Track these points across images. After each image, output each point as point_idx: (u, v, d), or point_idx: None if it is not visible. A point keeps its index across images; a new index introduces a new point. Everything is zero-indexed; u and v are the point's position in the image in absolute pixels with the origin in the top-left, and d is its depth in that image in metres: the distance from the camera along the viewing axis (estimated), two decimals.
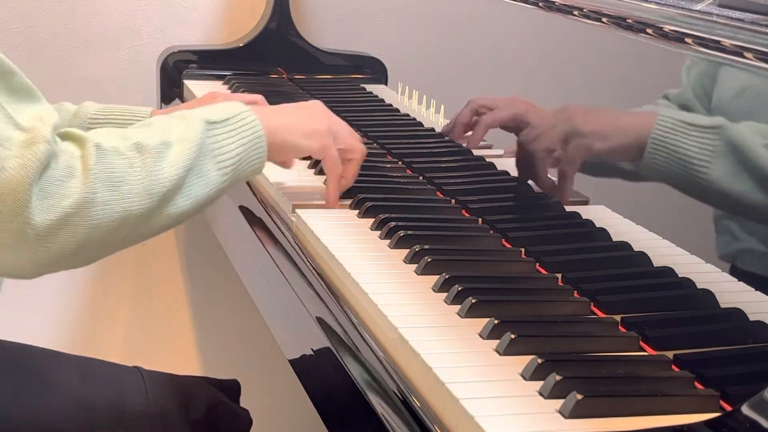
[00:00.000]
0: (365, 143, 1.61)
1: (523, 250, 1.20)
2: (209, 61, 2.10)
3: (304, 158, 1.50)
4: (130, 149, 1.08)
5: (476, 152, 1.48)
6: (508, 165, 1.40)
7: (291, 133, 1.26)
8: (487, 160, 1.45)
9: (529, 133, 1.34)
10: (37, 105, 1.03)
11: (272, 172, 1.42)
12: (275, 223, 1.37)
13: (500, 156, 1.45)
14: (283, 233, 1.33)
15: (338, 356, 1.06)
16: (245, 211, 1.47)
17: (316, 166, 1.48)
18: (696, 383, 0.91)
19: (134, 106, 1.48)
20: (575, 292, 1.09)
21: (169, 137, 1.11)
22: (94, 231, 1.04)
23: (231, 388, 1.49)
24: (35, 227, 1.00)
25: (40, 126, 1.01)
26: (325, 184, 1.36)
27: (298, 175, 1.46)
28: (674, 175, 1.06)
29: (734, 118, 1.01)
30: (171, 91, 2.09)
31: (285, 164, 1.39)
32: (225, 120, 1.17)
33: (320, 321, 1.12)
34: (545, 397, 0.88)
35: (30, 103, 1.03)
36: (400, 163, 1.52)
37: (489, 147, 1.48)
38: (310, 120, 1.29)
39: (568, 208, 1.27)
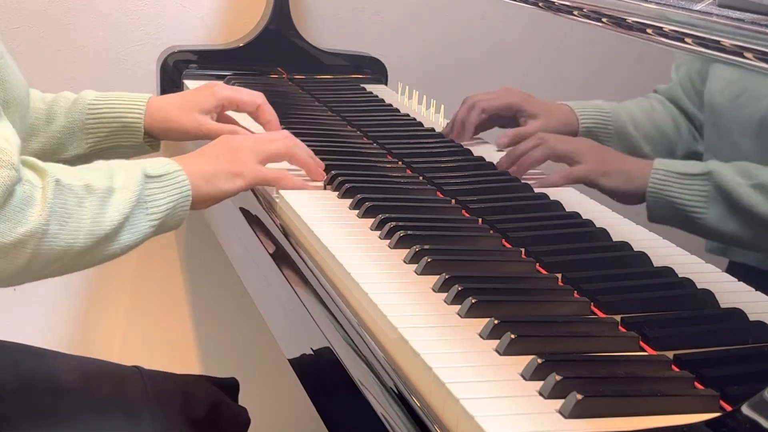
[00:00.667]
0: (365, 143, 1.62)
1: (523, 250, 1.20)
2: (209, 61, 2.10)
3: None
4: (82, 189, 1.15)
5: (476, 153, 1.48)
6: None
7: (214, 184, 1.30)
8: (487, 160, 1.45)
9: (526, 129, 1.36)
10: (1, 124, 1.09)
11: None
12: (274, 222, 1.37)
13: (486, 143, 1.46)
14: (282, 233, 1.33)
15: (338, 356, 1.06)
16: (245, 212, 1.47)
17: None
18: (696, 383, 0.91)
19: (133, 93, 1.49)
20: (575, 292, 1.09)
21: (113, 183, 1.19)
22: (36, 259, 1.11)
23: (230, 387, 1.49)
24: None
25: (7, 148, 1.07)
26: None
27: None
28: (677, 221, 1.10)
29: (724, 114, 1.02)
30: (171, 91, 2.08)
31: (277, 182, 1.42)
32: (160, 176, 1.24)
33: (320, 321, 1.12)
34: (545, 397, 0.88)
35: None
36: (400, 163, 1.52)
37: (485, 143, 1.49)
38: (233, 161, 1.33)
39: (568, 208, 1.27)
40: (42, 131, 1.46)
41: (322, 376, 1.15)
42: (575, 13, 1.29)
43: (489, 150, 1.48)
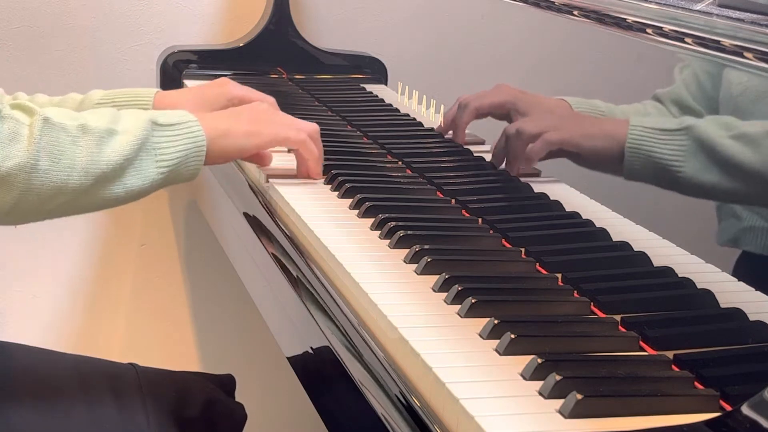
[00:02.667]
0: (365, 143, 1.62)
1: (523, 250, 1.20)
2: (209, 61, 2.10)
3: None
4: (77, 129, 1.16)
5: (476, 152, 1.48)
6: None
7: (230, 138, 1.31)
8: (487, 160, 1.45)
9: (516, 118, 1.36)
10: None
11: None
12: (274, 222, 1.37)
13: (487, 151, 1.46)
14: (281, 231, 1.33)
15: (338, 356, 1.06)
16: (245, 212, 1.47)
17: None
18: (696, 383, 0.91)
19: (138, 88, 1.49)
20: (575, 292, 1.09)
21: (115, 126, 1.20)
22: (29, 194, 1.13)
23: (226, 383, 1.49)
24: None
25: None
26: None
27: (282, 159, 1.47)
28: (655, 177, 1.11)
29: (742, 116, 1.02)
30: None
31: (261, 160, 1.43)
32: (171, 125, 1.25)
33: (320, 321, 1.12)
34: (545, 397, 0.88)
35: None
36: (400, 163, 1.52)
37: (481, 141, 1.49)
38: (252, 120, 1.35)
39: (568, 208, 1.27)
40: None
41: (321, 376, 1.15)
42: (575, 13, 1.29)
43: (482, 145, 1.49)
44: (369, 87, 1.93)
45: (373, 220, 1.28)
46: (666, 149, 1.08)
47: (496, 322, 0.99)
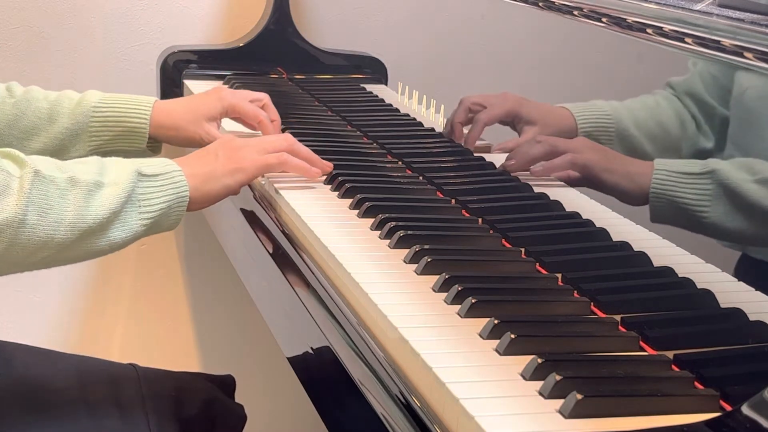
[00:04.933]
0: (365, 143, 1.62)
1: (523, 250, 1.20)
2: (209, 61, 2.10)
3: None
4: (65, 182, 1.15)
5: (476, 153, 1.48)
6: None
7: (215, 181, 1.30)
8: (487, 159, 1.45)
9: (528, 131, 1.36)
10: None
11: None
12: (274, 222, 1.37)
13: (490, 152, 1.46)
14: (281, 232, 1.33)
15: (338, 355, 1.06)
16: (245, 212, 1.47)
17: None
18: (696, 383, 0.91)
19: (137, 96, 1.49)
20: (575, 292, 1.09)
21: (102, 178, 1.18)
22: (14, 248, 1.11)
23: (226, 383, 1.49)
24: None
25: None
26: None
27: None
28: (680, 220, 1.10)
29: (755, 111, 1.02)
30: (171, 91, 2.09)
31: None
32: (156, 175, 1.23)
33: (320, 321, 1.12)
34: (545, 397, 0.88)
35: None
36: (400, 163, 1.52)
37: (488, 147, 1.49)
38: (230, 158, 1.33)
39: (568, 208, 1.27)
40: (44, 131, 1.45)
41: (321, 376, 1.15)
42: (575, 13, 1.29)
43: (487, 151, 1.49)
44: (369, 87, 1.93)
45: (373, 220, 1.28)
46: (691, 193, 1.08)
47: (496, 322, 0.99)
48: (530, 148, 1.35)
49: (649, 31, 1.15)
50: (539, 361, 0.91)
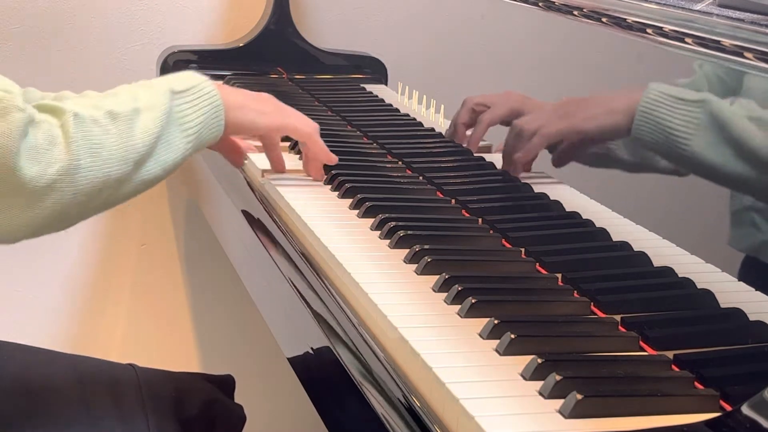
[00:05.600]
0: (365, 143, 1.62)
1: (523, 250, 1.20)
2: (209, 61, 2.10)
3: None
4: (105, 117, 1.14)
5: (476, 153, 1.48)
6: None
7: (245, 112, 1.33)
8: (487, 160, 1.45)
9: (524, 123, 1.36)
10: None
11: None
12: (274, 222, 1.37)
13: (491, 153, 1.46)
14: (281, 231, 1.33)
15: (338, 356, 1.06)
16: (245, 212, 1.47)
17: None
18: (696, 383, 0.91)
19: None
20: (575, 292, 1.09)
21: (137, 104, 1.18)
22: (78, 196, 1.11)
23: (225, 384, 1.49)
24: (25, 193, 1.06)
25: (7, 96, 1.06)
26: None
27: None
28: (660, 146, 1.10)
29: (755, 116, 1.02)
30: None
31: (237, 161, 1.45)
32: (188, 89, 1.24)
33: (320, 320, 1.12)
34: (545, 397, 0.88)
35: None
36: (400, 163, 1.52)
37: (488, 147, 1.49)
38: (263, 103, 1.37)
39: (568, 208, 1.27)
40: None
41: (321, 376, 1.15)
42: (575, 13, 1.29)
43: (488, 151, 1.49)
44: (369, 87, 1.93)
45: (373, 220, 1.28)
46: (678, 118, 1.07)
47: (496, 322, 0.99)
48: (512, 146, 1.36)
49: (649, 31, 1.15)
50: (539, 361, 0.91)
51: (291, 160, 1.52)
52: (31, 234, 1.11)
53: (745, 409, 0.81)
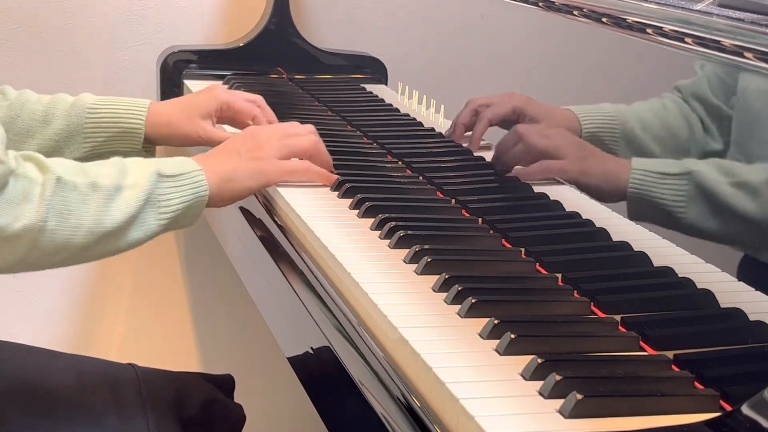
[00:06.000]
0: (365, 143, 1.62)
1: (523, 250, 1.20)
2: (209, 61, 2.10)
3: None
4: (87, 187, 1.16)
5: (476, 153, 1.48)
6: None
7: (237, 183, 1.30)
8: (487, 159, 1.45)
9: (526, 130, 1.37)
10: None
11: None
12: (274, 222, 1.37)
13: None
14: (281, 232, 1.33)
15: (338, 356, 1.06)
16: (245, 211, 1.47)
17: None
18: (696, 383, 0.91)
19: (133, 98, 1.49)
20: (575, 292, 1.09)
21: (122, 181, 1.19)
22: (34, 252, 1.13)
23: (225, 384, 1.49)
24: None
25: None
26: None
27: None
28: (658, 220, 1.11)
29: (756, 116, 1.02)
30: (171, 91, 2.09)
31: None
32: (176, 176, 1.23)
33: (320, 321, 1.12)
34: (545, 397, 0.88)
35: None
36: (400, 163, 1.52)
37: (489, 146, 1.49)
38: (253, 157, 1.33)
39: (568, 208, 1.27)
40: (39, 133, 1.45)
41: (321, 376, 1.15)
42: (575, 13, 1.29)
43: (489, 150, 1.49)
44: (369, 87, 1.93)
45: (373, 220, 1.28)
46: (668, 194, 1.09)
47: (496, 322, 0.99)
48: (508, 148, 1.36)
49: (649, 31, 1.15)
50: (539, 361, 0.91)
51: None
52: None
53: (745, 409, 0.81)
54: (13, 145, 1.45)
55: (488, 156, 1.46)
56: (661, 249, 1.12)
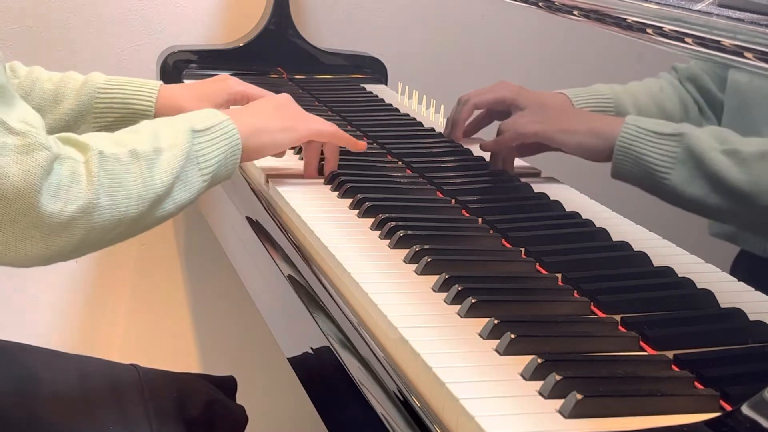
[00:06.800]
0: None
1: (523, 250, 1.20)
2: (209, 61, 2.10)
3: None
4: (127, 156, 1.15)
5: (476, 153, 1.48)
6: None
7: (267, 134, 1.33)
8: (487, 159, 1.45)
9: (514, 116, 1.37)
10: (18, 106, 1.08)
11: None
12: (274, 222, 1.37)
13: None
14: (281, 231, 1.33)
15: (338, 356, 1.06)
16: (244, 211, 1.47)
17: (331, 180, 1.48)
18: (696, 383, 0.91)
19: (143, 80, 1.49)
20: (575, 292, 1.09)
21: (159, 143, 1.18)
22: (93, 231, 1.11)
23: (227, 385, 1.49)
24: (42, 228, 1.07)
25: (32, 130, 1.06)
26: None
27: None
28: (641, 180, 1.11)
29: (748, 97, 1.02)
30: None
31: (278, 155, 1.45)
32: (208, 129, 1.24)
33: (320, 321, 1.12)
34: (545, 397, 0.88)
35: (11, 105, 1.08)
36: (400, 163, 1.52)
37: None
38: (283, 116, 1.37)
39: (568, 208, 1.27)
40: (49, 112, 1.45)
41: (321, 376, 1.15)
42: (575, 13, 1.29)
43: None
44: (369, 87, 1.93)
45: (373, 220, 1.28)
46: (656, 153, 1.08)
47: (496, 322, 0.99)
48: (501, 139, 1.37)
49: (649, 31, 1.15)
50: (539, 361, 0.91)
51: (291, 160, 1.52)
52: (43, 263, 1.11)
53: (745, 409, 0.81)
54: None
55: (488, 156, 1.46)
56: (661, 249, 1.12)
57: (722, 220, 1.03)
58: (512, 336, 0.96)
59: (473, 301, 1.03)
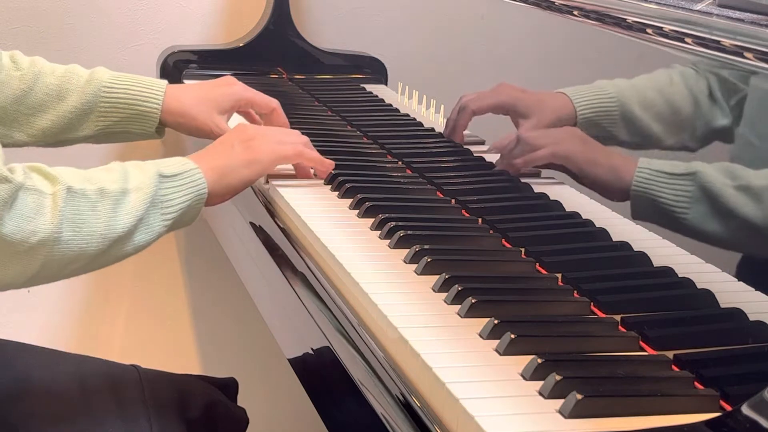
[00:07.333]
0: (365, 143, 1.62)
1: (523, 250, 1.20)
2: (209, 61, 2.10)
3: None
4: (95, 193, 1.15)
5: (476, 152, 1.48)
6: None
7: (233, 174, 1.31)
8: (487, 159, 1.45)
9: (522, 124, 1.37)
10: None
11: None
12: (274, 222, 1.37)
13: (486, 151, 1.46)
14: (281, 232, 1.33)
15: (338, 356, 1.06)
16: (244, 212, 1.47)
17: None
18: (696, 383, 0.91)
19: (149, 79, 1.48)
20: (575, 292, 1.09)
21: (127, 185, 1.19)
22: (50, 264, 1.13)
23: (228, 387, 1.49)
24: (1, 255, 1.08)
25: None
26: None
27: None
28: (660, 219, 1.11)
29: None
30: None
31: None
32: (175, 175, 1.24)
33: (320, 321, 1.12)
34: (545, 397, 0.88)
35: None
36: (400, 163, 1.52)
37: (482, 142, 1.49)
38: (246, 148, 1.33)
39: (568, 208, 1.27)
40: (52, 109, 1.45)
41: (322, 377, 1.15)
42: (575, 13, 1.29)
43: (480, 145, 1.49)
44: (369, 87, 1.93)
45: (373, 220, 1.28)
46: (671, 194, 1.08)
47: (496, 322, 0.99)
48: (511, 150, 1.36)
49: (649, 31, 1.15)
50: (539, 361, 0.91)
51: None
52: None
53: (745, 409, 0.81)
54: (26, 120, 1.44)
55: (488, 156, 1.46)
56: (661, 249, 1.12)
57: (742, 251, 1.03)
58: (512, 336, 0.96)
59: (473, 301, 1.03)
